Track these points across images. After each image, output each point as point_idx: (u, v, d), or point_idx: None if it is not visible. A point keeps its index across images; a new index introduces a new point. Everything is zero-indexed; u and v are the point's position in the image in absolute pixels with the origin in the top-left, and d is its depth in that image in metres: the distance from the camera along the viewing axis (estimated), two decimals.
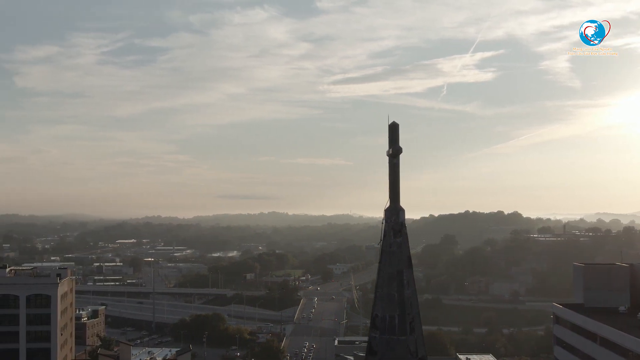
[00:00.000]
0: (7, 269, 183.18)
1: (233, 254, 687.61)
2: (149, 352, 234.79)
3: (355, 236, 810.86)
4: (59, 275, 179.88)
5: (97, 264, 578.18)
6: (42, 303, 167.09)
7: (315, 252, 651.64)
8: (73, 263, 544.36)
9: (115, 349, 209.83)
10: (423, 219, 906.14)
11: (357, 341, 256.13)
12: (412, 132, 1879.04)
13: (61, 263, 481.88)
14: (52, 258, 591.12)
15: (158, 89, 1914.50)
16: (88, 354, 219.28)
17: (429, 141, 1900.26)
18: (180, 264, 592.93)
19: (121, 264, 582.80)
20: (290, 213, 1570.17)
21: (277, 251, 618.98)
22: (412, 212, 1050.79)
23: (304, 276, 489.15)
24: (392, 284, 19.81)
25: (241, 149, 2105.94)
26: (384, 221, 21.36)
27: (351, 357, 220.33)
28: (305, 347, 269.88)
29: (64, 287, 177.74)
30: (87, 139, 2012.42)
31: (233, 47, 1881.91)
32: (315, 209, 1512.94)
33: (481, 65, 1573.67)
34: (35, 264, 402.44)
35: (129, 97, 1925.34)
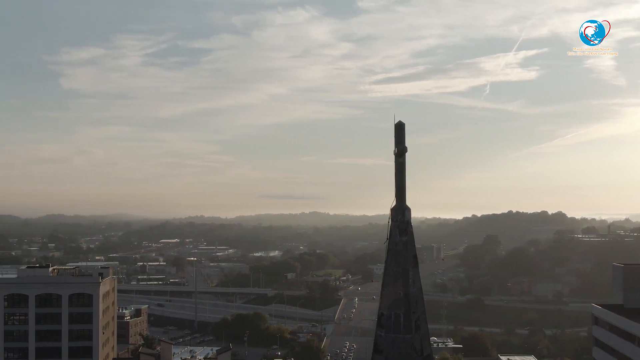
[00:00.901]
0: (50, 268, 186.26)
1: (274, 253, 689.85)
2: (190, 351, 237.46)
3: None
4: (100, 274, 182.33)
5: (141, 263, 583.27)
6: (84, 302, 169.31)
7: (356, 252, 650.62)
8: (117, 262, 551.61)
9: (157, 348, 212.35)
10: (466, 219, 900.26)
11: None
12: (455, 131, 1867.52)
13: (105, 262, 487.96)
14: (97, 257, 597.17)
15: (201, 90, 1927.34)
16: (130, 352, 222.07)
17: (472, 141, 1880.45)
18: (223, 264, 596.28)
19: (164, 263, 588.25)
20: (331, 213, 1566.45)
21: (318, 251, 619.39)
22: (455, 212, 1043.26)
23: (344, 276, 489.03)
24: (397, 283, 19.92)
25: (283, 149, 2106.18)
26: (390, 220, 21.47)
27: None
28: (345, 347, 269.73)
29: (105, 286, 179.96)
30: (132, 140, 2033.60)
31: (275, 48, 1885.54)
32: (356, 209, 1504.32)
33: (525, 64, 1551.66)
34: (79, 264, 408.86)
35: (173, 98, 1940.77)
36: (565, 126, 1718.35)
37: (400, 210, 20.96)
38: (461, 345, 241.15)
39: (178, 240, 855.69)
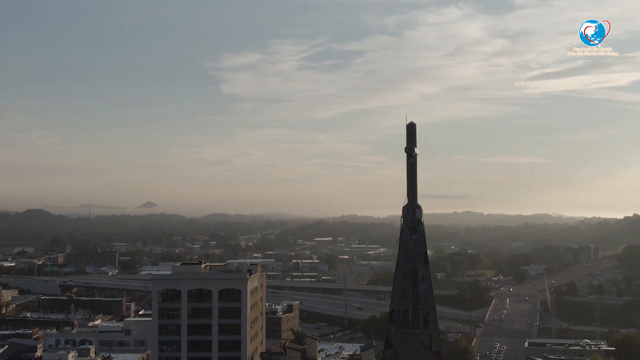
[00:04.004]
0: (202, 265, 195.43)
1: None
2: (339, 347, 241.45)
3: (553, 236, 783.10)
4: (249, 271, 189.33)
5: (295, 260, 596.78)
6: (232, 297, 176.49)
7: (510, 253, 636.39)
8: (273, 260, 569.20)
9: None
10: (627, 218, 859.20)
11: (548, 343, 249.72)
12: (616, 127, 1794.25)
13: (262, 260, 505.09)
14: (254, 255, 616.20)
15: (354, 91, 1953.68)
16: (282, 347, 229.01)
17: (635, 137, 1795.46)
18: (373, 262, 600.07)
19: (317, 261, 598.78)
20: (485, 213, 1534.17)
21: (469, 251, 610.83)
22: (616, 211, 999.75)
23: (496, 277, 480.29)
24: (407, 279, 21.11)
25: (435, 148, 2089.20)
26: (401, 218, 22.69)
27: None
28: (495, 348, 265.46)
29: (253, 282, 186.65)
30: (288, 142, 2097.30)
31: (427, 47, 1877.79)
32: (511, 209, 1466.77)
33: None
34: (237, 261, 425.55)
35: (327, 100, 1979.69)
36: None
37: (411, 209, 22.18)
38: (614, 348, 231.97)
39: (331, 239, 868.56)
